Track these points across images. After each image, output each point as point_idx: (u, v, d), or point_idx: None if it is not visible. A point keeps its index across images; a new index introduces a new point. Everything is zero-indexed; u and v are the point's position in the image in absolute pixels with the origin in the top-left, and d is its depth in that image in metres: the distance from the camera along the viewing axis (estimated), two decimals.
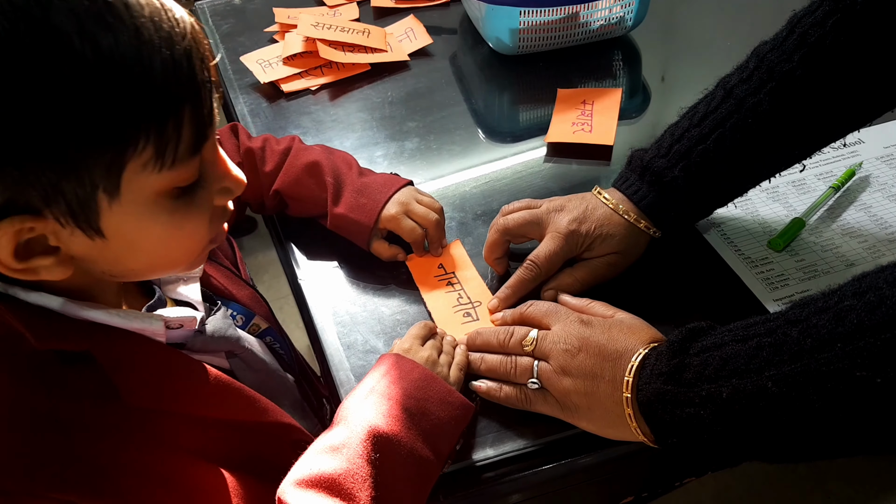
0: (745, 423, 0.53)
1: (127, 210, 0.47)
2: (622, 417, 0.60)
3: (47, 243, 0.47)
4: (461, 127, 1.01)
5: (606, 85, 1.06)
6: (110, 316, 0.53)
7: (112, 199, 0.46)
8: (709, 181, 0.74)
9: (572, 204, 0.76)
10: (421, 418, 0.61)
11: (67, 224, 0.46)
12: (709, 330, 0.59)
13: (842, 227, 0.81)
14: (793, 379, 0.50)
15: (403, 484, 0.58)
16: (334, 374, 0.71)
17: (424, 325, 0.71)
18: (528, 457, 0.65)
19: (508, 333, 0.68)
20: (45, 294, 0.51)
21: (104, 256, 0.50)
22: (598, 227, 0.74)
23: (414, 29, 1.17)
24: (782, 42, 0.70)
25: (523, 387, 0.66)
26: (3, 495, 0.47)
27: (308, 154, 0.83)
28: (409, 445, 0.59)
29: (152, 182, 0.47)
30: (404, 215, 0.79)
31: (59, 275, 0.49)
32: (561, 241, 0.74)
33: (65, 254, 0.48)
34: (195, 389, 0.57)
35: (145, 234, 0.50)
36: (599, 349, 0.62)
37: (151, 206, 0.49)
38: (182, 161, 0.48)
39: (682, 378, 0.56)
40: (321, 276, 0.82)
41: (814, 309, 0.52)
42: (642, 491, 0.79)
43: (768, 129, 0.71)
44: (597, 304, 0.69)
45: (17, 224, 0.44)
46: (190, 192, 0.51)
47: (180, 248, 0.54)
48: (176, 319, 0.59)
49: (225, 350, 0.67)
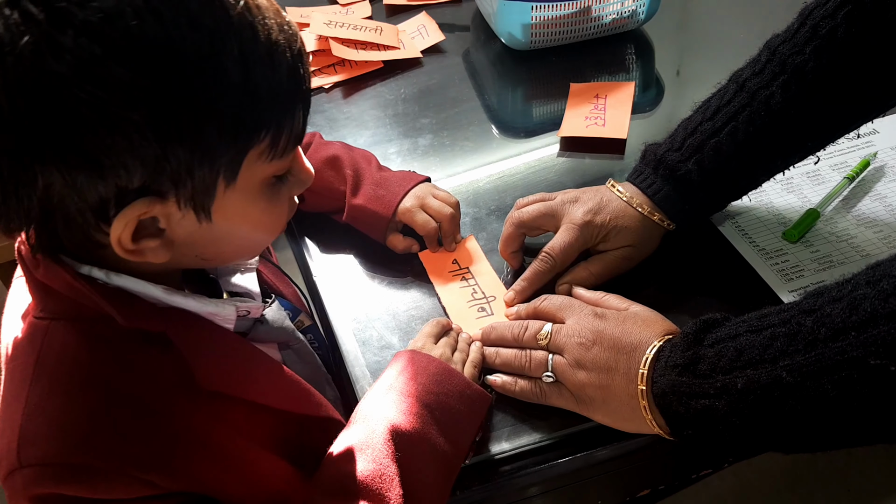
0: (761, 414, 0.53)
1: (237, 195, 0.51)
2: (637, 410, 0.60)
3: (155, 226, 0.50)
4: (474, 123, 1.01)
5: (619, 79, 1.06)
6: (186, 300, 0.55)
7: (229, 184, 0.50)
8: (722, 174, 0.73)
9: (587, 196, 0.77)
10: (440, 413, 0.61)
11: (185, 207, 0.48)
12: (723, 321, 0.59)
13: (857, 218, 0.81)
14: (807, 368, 0.50)
15: (428, 479, 0.58)
16: (350, 370, 0.72)
17: (437, 323, 0.71)
18: (544, 450, 0.66)
19: (523, 327, 0.68)
20: (139, 280, 0.53)
21: (204, 239, 0.53)
22: (613, 218, 0.74)
23: (426, 26, 1.18)
24: (794, 34, 0.70)
25: (538, 381, 0.66)
26: (93, 472, 0.48)
27: (328, 148, 0.85)
28: (431, 441, 0.59)
29: (262, 170, 0.51)
30: (419, 208, 0.80)
31: (162, 257, 0.51)
32: (576, 232, 0.74)
33: (168, 237, 0.51)
34: (261, 377, 0.59)
35: (245, 219, 0.54)
36: (614, 342, 0.62)
37: (255, 193, 0.53)
38: (287, 152, 0.52)
39: (697, 369, 0.56)
40: (336, 272, 0.82)
41: (828, 298, 0.52)
42: (659, 484, 0.79)
43: (781, 121, 0.71)
44: (611, 297, 0.69)
45: (144, 206, 0.46)
46: (280, 181, 0.55)
47: (265, 234, 0.58)
48: (244, 306, 0.60)
49: (280, 341, 0.68)
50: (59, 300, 0.52)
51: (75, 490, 0.48)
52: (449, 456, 0.60)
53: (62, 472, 0.48)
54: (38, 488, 0.48)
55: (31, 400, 0.50)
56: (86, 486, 0.48)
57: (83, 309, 0.52)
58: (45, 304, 0.53)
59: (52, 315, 0.53)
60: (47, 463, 0.48)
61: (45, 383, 0.51)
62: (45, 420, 0.50)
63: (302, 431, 0.61)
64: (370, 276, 0.81)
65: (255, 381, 0.58)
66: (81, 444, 0.49)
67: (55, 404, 0.50)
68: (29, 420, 0.50)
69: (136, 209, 0.46)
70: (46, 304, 0.53)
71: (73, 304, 0.52)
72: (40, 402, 0.50)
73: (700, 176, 0.73)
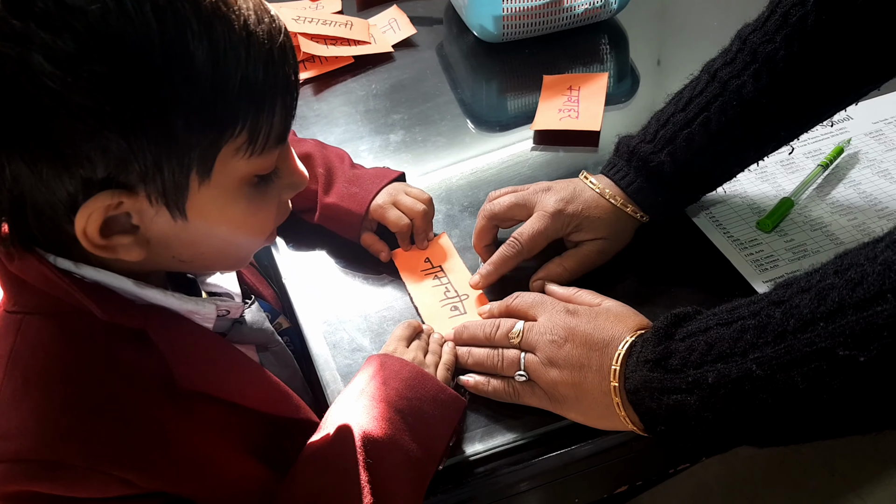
0: (732, 408, 0.52)
1: (213, 193, 0.49)
2: (610, 407, 0.59)
3: (129, 223, 0.49)
4: (447, 118, 1.00)
5: (594, 70, 1.05)
6: (166, 297, 0.54)
7: (202, 181, 0.48)
8: (695, 165, 0.73)
9: (559, 185, 0.76)
10: (413, 418, 0.60)
11: (157, 203, 0.48)
12: (694, 315, 0.59)
13: (831, 205, 0.80)
14: (777, 361, 0.49)
15: (400, 486, 0.57)
16: (320, 373, 0.71)
17: (408, 325, 0.70)
18: (518, 450, 0.65)
19: (494, 326, 0.67)
20: (109, 272, 0.52)
21: (180, 240, 0.52)
22: (586, 209, 0.74)
23: (398, 19, 1.16)
24: (764, 23, 0.70)
25: (511, 380, 0.65)
26: (68, 469, 0.47)
27: (300, 146, 0.83)
28: (404, 447, 0.58)
29: (240, 167, 0.50)
30: (391, 205, 0.79)
31: (135, 255, 0.50)
32: (547, 220, 0.73)
33: (143, 235, 0.50)
34: (239, 378, 0.58)
35: (224, 219, 0.52)
36: (586, 339, 0.61)
37: (234, 192, 0.51)
38: (268, 150, 0.50)
39: (668, 364, 0.55)
40: (305, 273, 0.81)
41: (796, 289, 0.51)
42: (637, 480, 0.79)
43: (753, 110, 0.70)
44: (584, 293, 0.69)
45: (110, 198, 0.46)
46: (265, 182, 0.54)
47: (248, 237, 0.56)
48: (224, 306, 0.59)
49: (258, 343, 0.67)
50: (33, 294, 0.51)
51: (50, 488, 0.47)
52: (422, 462, 0.59)
53: (36, 468, 0.47)
54: (11, 485, 0.47)
55: (3, 395, 0.49)
56: (61, 484, 0.47)
57: (59, 303, 0.51)
58: (17, 298, 0.52)
59: (26, 309, 0.52)
60: (21, 459, 0.47)
61: (18, 378, 0.50)
62: (19, 415, 0.49)
63: (279, 434, 0.60)
64: (340, 278, 0.80)
65: (235, 382, 0.58)
66: (57, 440, 0.48)
67: (30, 400, 0.49)
68: (1, 415, 0.49)
69: (100, 200, 0.45)
70: (19, 298, 0.52)
71: (49, 298, 0.51)
72: (14, 397, 0.49)
73: (673, 167, 0.72)
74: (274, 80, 0.48)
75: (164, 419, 0.53)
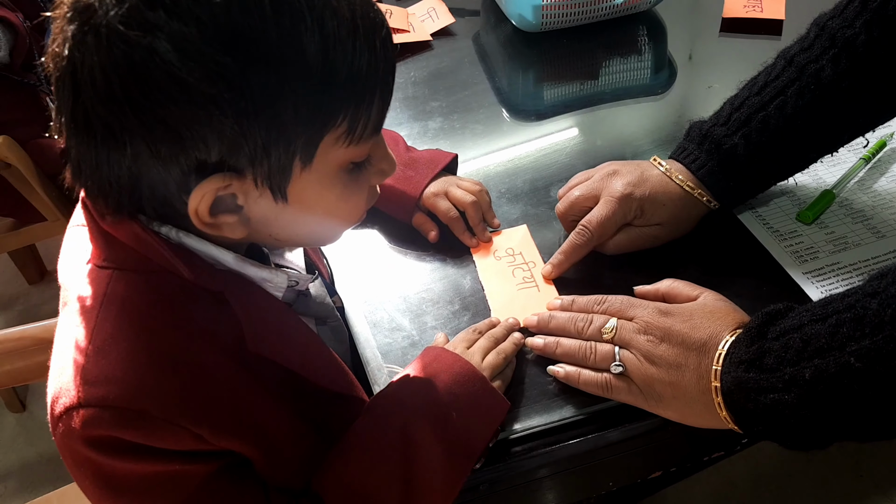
0: (832, 403, 0.51)
1: (312, 178, 0.51)
2: (710, 406, 0.58)
3: (234, 203, 0.51)
4: (484, 105, 1.00)
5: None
6: (244, 264, 0.57)
7: (304, 166, 0.50)
8: (769, 149, 0.72)
9: (627, 168, 0.76)
10: (458, 414, 0.61)
11: (262, 186, 0.50)
12: (786, 312, 0.57)
13: (872, 199, 0.80)
14: (876, 352, 0.48)
15: (436, 479, 0.58)
16: (361, 351, 0.72)
17: (475, 330, 0.70)
18: (554, 431, 0.65)
19: (587, 321, 0.67)
20: (200, 239, 0.54)
21: (279, 220, 0.54)
22: (653, 192, 0.73)
23: (436, 8, 1.17)
24: (843, 10, 0.69)
25: (604, 372, 0.64)
26: (148, 420, 0.49)
27: None
28: (445, 442, 0.59)
29: (339, 155, 0.52)
30: (443, 195, 0.80)
31: (238, 234, 0.52)
32: (614, 205, 0.73)
33: (245, 215, 0.52)
34: (304, 349, 0.60)
35: (320, 203, 0.54)
36: (682, 338, 0.60)
37: (332, 177, 0.53)
38: (365, 139, 0.52)
39: (763, 364, 0.54)
40: (347, 254, 0.82)
41: (892, 279, 0.50)
42: (671, 466, 0.79)
43: (830, 95, 0.69)
44: (679, 284, 0.67)
45: (221, 180, 0.48)
46: (359, 168, 0.55)
47: (341, 220, 0.58)
48: (294, 276, 0.61)
49: (319, 316, 0.69)
50: (122, 250, 0.53)
51: (131, 435, 0.49)
52: (460, 459, 0.60)
53: (122, 415, 0.49)
54: (96, 429, 0.49)
55: (94, 343, 0.51)
56: (141, 433, 0.49)
57: (146, 262, 0.53)
58: (108, 254, 0.54)
59: (115, 265, 0.54)
60: (108, 405, 0.49)
61: (108, 329, 0.51)
62: (109, 364, 0.50)
63: (329, 406, 0.62)
64: (381, 259, 0.81)
65: (299, 352, 0.59)
66: (143, 390, 0.50)
67: (118, 350, 0.51)
68: (92, 362, 0.50)
69: (213, 182, 0.48)
70: (109, 254, 0.54)
71: (137, 255, 0.53)
72: (104, 345, 0.51)
73: (747, 150, 0.71)
74: (375, 72, 0.49)
75: (235, 381, 0.54)
